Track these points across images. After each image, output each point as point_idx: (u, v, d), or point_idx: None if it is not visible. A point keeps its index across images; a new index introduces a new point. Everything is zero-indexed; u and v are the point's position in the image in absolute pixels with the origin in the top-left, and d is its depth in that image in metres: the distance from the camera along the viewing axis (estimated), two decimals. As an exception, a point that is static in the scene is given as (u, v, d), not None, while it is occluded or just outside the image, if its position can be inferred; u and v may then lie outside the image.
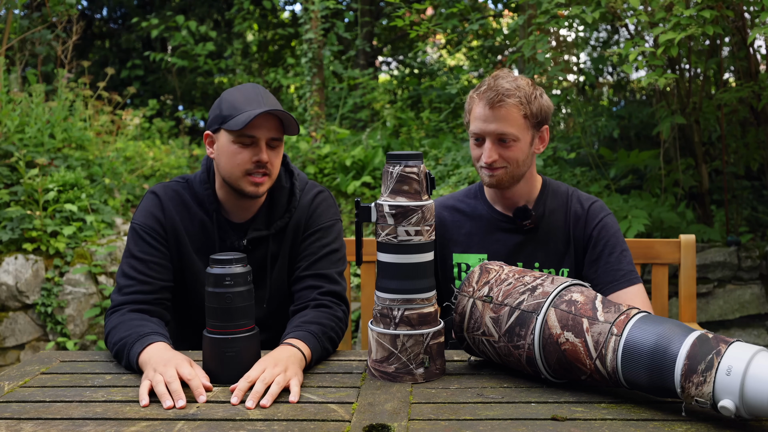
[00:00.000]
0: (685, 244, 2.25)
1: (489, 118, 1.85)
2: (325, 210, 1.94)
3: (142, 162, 5.91)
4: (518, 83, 1.86)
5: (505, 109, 1.83)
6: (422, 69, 8.56)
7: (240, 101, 1.78)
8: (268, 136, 1.78)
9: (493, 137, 1.85)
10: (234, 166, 1.79)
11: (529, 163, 1.92)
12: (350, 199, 5.43)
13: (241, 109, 1.76)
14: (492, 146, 1.86)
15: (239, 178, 1.80)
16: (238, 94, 1.81)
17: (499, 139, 1.85)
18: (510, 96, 1.83)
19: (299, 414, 1.38)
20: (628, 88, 6.77)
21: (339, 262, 1.92)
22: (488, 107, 1.84)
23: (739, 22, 3.53)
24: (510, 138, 1.85)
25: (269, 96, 1.82)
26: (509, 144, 1.85)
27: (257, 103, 1.78)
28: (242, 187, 1.81)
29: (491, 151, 1.85)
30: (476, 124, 1.88)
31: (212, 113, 1.83)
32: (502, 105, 1.83)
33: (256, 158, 1.78)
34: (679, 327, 1.34)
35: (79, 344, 4.03)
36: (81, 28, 6.16)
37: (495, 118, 1.84)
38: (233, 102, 1.79)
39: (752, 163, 4.30)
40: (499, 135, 1.85)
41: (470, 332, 1.58)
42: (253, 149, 1.78)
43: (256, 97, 1.79)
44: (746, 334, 4.00)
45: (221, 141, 1.80)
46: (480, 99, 1.87)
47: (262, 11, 9.32)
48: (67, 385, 1.57)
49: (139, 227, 1.85)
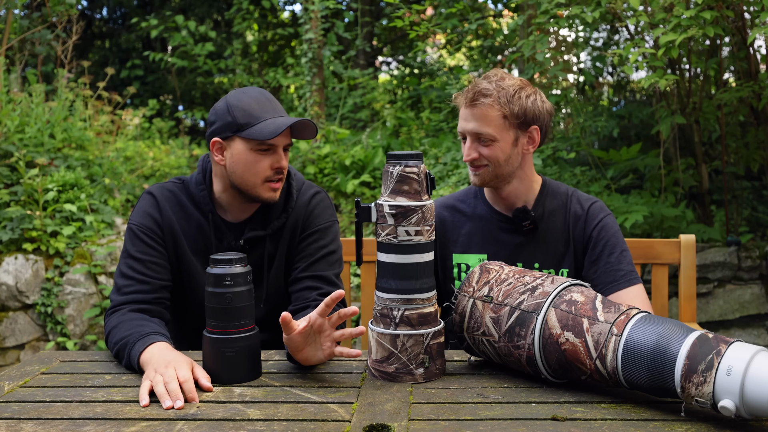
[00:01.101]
0: (685, 244, 2.25)
1: (468, 117, 1.88)
2: (323, 211, 1.95)
3: (142, 162, 5.91)
4: (503, 83, 1.86)
5: (480, 108, 1.85)
6: (422, 69, 8.56)
7: (255, 109, 1.78)
8: (286, 142, 1.81)
9: (472, 136, 1.89)
10: (253, 174, 1.79)
11: (516, 162, 1.91)
12: (350, 199, 5.43)
13: (260, 117, 1.77)
14: (471, 144, 1.89)
15: (257, 185, 1.81)
16: (248, 100, 1.80)
17: (477, 138, 1.88)
18: (486, 96, 1.84)
19: (299, 414, 1.38)
20: (628, 88, 6.78)
21: (336, 263, 1.93)
22: (466, 106, 1.88)
23: (739, 22, 3.53)
24: (487, 137, 1.86)
25: (275, 100, 1.84)
26: (487, 143, 1.87)
27: (273, 110, 1.79)
28: (260, 194, 1.82)
29: (470, 149, 1.89)
30: (459, 122, 1.93)
31: (221, 119, 1.80)
32: (477, 105, 1.86)
33: (277, 165, 1.79)
34: (679, 327, 1.34)
35: (79, 344, 4.03)
36: (81, 28, 6.16)
37: (472, 117, 1.87)
38: (247, 109, 1.78)
39: (752, 164, 4.30)
40: (476, 134, 1.87)
41: (470, 332, 1.58)
42: (272, 156, 1.79)
43: (269, 102, 1.81)
44: (746, 334, 4.00)
45: (236, 149, 1.79)
46: (461, 98, 1.91)
47: (261, 11, 9.32)
48: (67, 385, 1.57)
49: (137, 228, 1.85)
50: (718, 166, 4.52)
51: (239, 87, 8.02)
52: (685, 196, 4.55)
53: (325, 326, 1.54)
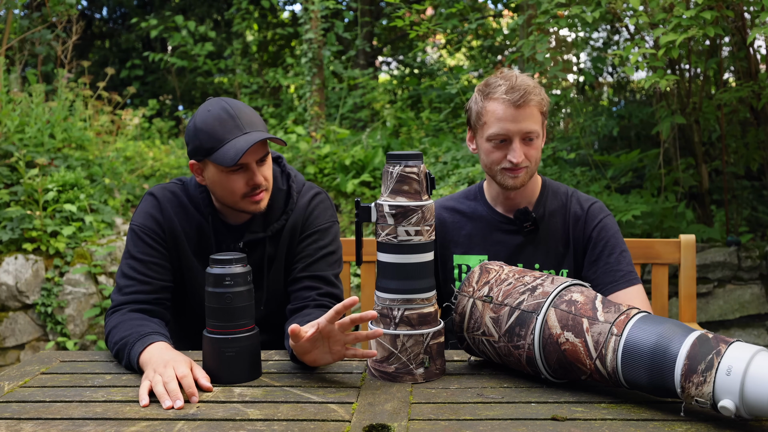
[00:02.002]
0: (685, 244, 2.25)
1: (516, 118, 1.83)
2: (323, 212, 1.94)
3: (142, 162, 5.91)
4: (530, 81, 1.87)
5: (530, 108, 1.84)
6: (422, 69, 8.55)
7: (218, 131, 1.73)
8: (256, 157, 1.76)
9: (522, 136, 1.85)
10: (231, 194, 1.78)
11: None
12: (350, 199, 5.43)
13: (223, 139, 1.72)
14: (520, 146, 1.85)
15: (238, 202, 1.80)
16: (212, 121, 1.74)
17: (526, 137, 1.86)
18: (534, 94, 1.84)
19: (299, 414, 1.38)
20: (628, 88, 6.77)
21: (336, 264, 1.92)
22: (513, 107, 1.83)
23: (739, 22, 3.53)
24: (535, 135, 1.86)
25: (243, 112, 1.76)
26: (534, 142, 1.87)
27: (236, 128, 1.73)
28: (243, 208, 1.82)
29: (520, 150, 1.85)
30: (501, 125, 1.85)
31: (191, 142, 1.77)
32: (528, 104, 1.83)
33: (252, 182, 1.77)
34: (679, 327, 1.34)
35: (79, 344, 4.03)
36: (81, 28, 6.15)
37: (522, 117, 1.83)
38: (210, 132, 1.73)
39: (752, 164, 4.30)
40: (527, 134, 1.85)
41: (470, 332, 1.58)
42: (246, 174, 1.76)
43: (232, 120, 1.73)
44: (746, 334, 4.00)
45: (210, 172, 1.78)
46: (502, 100, 1.84)
47: (261, 11, 9.32)
48: (67, 385, 1.57)
49: (138, 228, 1.86)
50: (718, 166, 4.51)
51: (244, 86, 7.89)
52: (685, 196, 4.55)
53: (334, 332, 1.52)
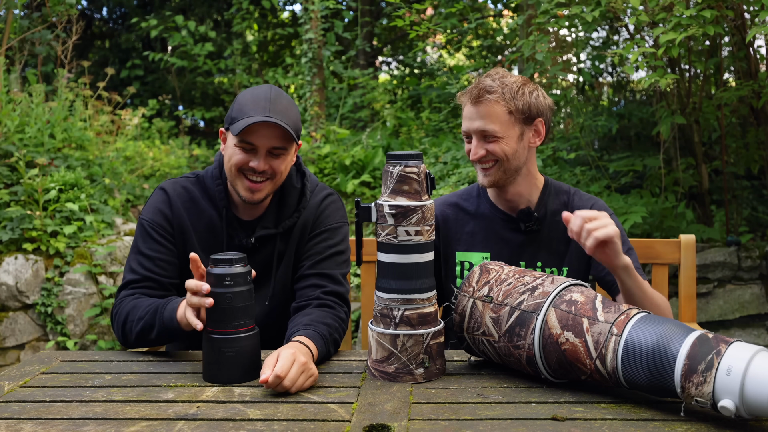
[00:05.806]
0: (685, 244, 2.25)
1: (473, 115, 1.89)
2: (334, 212, 1.96)
3: (142, 162, 5.91)
4: (505, 80, 1.88)
5: (485, 105, 1.86)
6: (422, 69, 8.56)
7: (248, 105, 1.77)
8: (269, 145, 1.77)
9: (478, 134, 1.89)
10: (232, 164, 1.80)
11: (523, 157, 1.92)
12: (350, 199, 5.43)
13: (246, 114, 1.75)
14: (477, 143, 1.89)
15: (234, 176, 1.81)
16: (249, 96, 1.80)
17: (483, 135, 1.88)
18: (491, 92, 1.86)
19: (299, 414, 1.38)
20: (628, 88, 6.77)
21: (344, 263, 1.93)
22: (471, 104, 1.89)
23: (739, 22, 3.53)
24: (491, 134, 1.87)
25: (279, 101, 1.78)
26: (493, 140, 1.88)
27: (263, 108, 1.75)
28: (237, 189, 1.82)
29: (477, 147, 1.89)
30: (464, 122, 1.93)
31: (229, 111, 1.84)
32: (482, 102, 1.86)
33: (252, 164, 1.78)
34: (679, 327, 1.34)
35: (79, 344, 4.03)
36: (81, 28, 6.15)
37: (478, 114, 1.87)
38: (242, 105, 1.78)
39: (752, 164, 4.30)
40: (482, 131, 1.87)
41: (470, 332, 1.58)
42: (251, 155, 1.78)
43: (264, 102, 1.76)
44: (746, 334, 4.00)
45: (229, 140, 1.82)
46: (465, 97, 1.92)
47: (261, 11, 9.32)
48: (67, 385, 1.57)
49: (147, 223, 1.87)
50: (718, 166, 4.51)
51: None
52: (685, 196, 4.55)
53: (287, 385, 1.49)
